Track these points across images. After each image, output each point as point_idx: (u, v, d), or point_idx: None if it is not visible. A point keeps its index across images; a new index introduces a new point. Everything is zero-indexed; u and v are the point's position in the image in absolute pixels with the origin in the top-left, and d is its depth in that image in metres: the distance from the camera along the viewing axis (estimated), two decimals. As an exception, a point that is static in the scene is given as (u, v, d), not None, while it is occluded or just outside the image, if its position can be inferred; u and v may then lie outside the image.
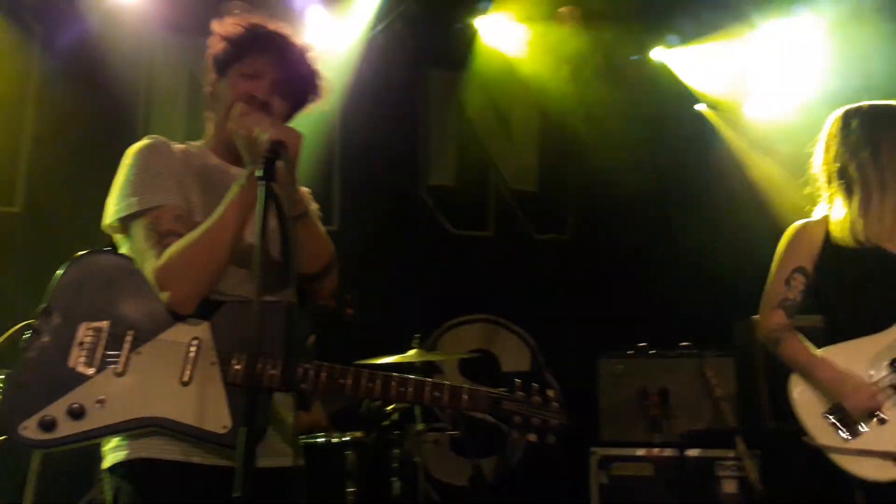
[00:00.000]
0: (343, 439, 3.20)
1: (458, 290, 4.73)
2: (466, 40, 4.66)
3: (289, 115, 1.77)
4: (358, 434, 3.26)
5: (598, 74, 4.62)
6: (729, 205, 4.47)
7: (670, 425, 3.88)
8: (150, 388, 1.52)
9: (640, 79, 4.75)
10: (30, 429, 1.48)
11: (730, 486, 3.71)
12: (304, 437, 3.08)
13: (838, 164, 2.27)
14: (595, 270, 4.76)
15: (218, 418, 1.51)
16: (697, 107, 4.87)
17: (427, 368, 4.39)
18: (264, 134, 1.53)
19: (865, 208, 2.20)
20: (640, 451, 3.84)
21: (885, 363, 2.14)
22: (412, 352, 3.44)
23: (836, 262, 2.24)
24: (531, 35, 4.60)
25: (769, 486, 3.55)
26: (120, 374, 1.52)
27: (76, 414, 1.49)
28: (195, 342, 1.55)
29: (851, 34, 4.01)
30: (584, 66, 4.58)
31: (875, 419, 2.11)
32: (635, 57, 4.81)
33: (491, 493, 3.87)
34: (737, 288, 4.23)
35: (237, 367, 1.54)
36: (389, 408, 3.45)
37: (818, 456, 3.58)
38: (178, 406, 1.51)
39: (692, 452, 3.77)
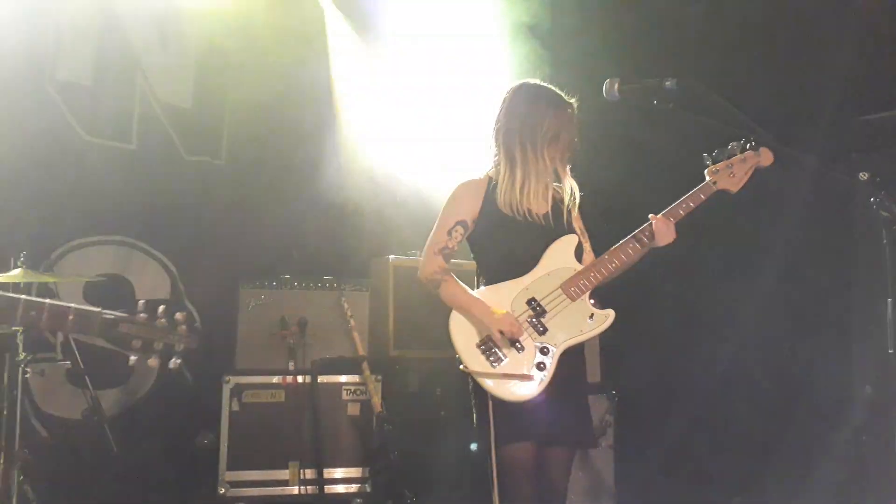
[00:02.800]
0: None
1: (88, 206, 4.20)
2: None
3: None
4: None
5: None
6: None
7: (305, 354, 4.04)
8: None
9: (301, 8, 4.66)
10: None
11: (353, 409, 4.03)
12: None
13: (505, 136, 2.59)
14: (246, 200, 4.62)
15: None
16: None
17: (41, 292, 3.87)
18: None
19: (521, 183, 2.56)
20: (275, 379, 3.94)
21: (524, 301, 2.53)
22: (17, 271, 2.98)
23: (491, 219, 2.59)
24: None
25: (387, 408, 3.95)
26: None
27: None
28: None
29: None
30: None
31: (514, 348, 2.48)
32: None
33: (110, 425, 3.59)
34: (378, 229, 4.57)
35: None
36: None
37: (431, 381, 4.13)
38: None
39: (323, 379, 3.99)
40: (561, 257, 2.58)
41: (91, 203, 4.20)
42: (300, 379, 3.95)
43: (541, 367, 2.47)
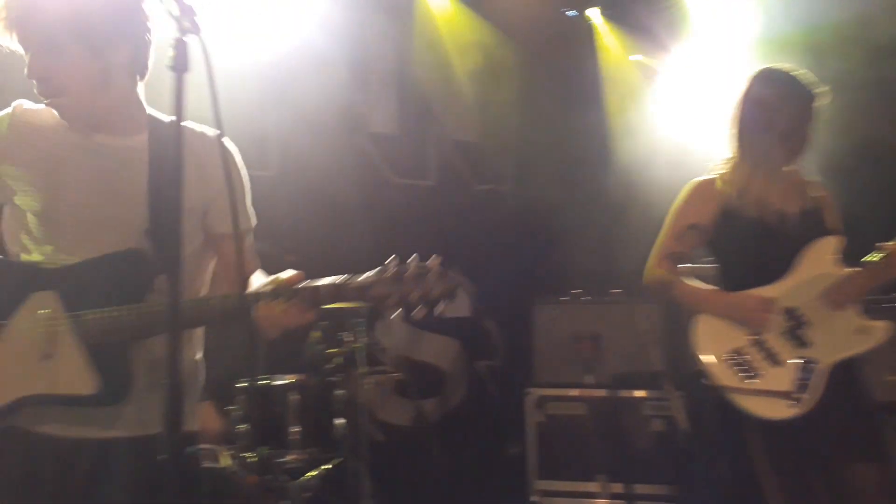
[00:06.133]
0: (285, 382, 3.27)
1: (399, 239, 4.77)
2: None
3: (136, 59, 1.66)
4: (301, 377, 3.33)
5: (537, 27, 4.62)
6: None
7: (601, 368, 4.06)
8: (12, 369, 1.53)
9: (577, 36, 4.78)
10: None
11: (657, 425, 3.94)
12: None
13: (744, 128, 2.33)
14: (532, 221, 4.87)
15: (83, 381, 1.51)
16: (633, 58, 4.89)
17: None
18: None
19: (764, 179, 2.30)
20: (574, 392, 4.03)
21: (781, 310, 2.26)
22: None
23: (733, 218, 2.32)
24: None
25: (691, 424, 3.79)
26: None
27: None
28: (45, 312, 1.54)
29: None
30: (522, 17, 4.56)
31: (770, 362, 2.23)
32: (571, 12, 4.81)
33: (433, 432, 4.00)
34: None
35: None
36: (332, 351, 3.51)
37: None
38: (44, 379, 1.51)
39: (624, 393, 3.96)
40: (821, 262, 2.27)
41: (401, 235, 4.75)
42: (598, 392, 3.98)
43: (803, 384, 2.17)
